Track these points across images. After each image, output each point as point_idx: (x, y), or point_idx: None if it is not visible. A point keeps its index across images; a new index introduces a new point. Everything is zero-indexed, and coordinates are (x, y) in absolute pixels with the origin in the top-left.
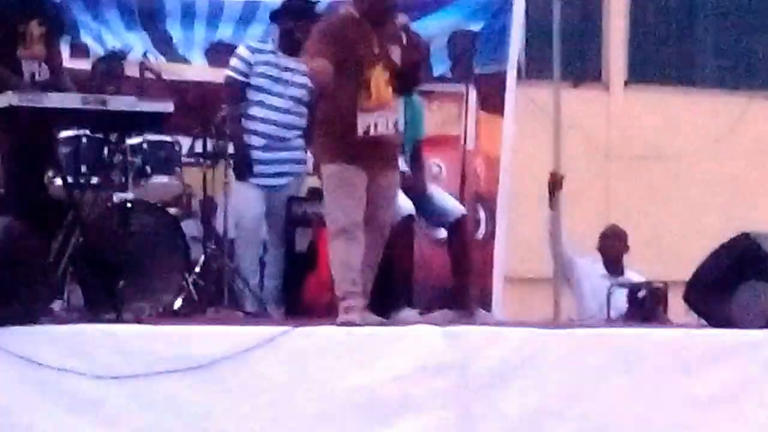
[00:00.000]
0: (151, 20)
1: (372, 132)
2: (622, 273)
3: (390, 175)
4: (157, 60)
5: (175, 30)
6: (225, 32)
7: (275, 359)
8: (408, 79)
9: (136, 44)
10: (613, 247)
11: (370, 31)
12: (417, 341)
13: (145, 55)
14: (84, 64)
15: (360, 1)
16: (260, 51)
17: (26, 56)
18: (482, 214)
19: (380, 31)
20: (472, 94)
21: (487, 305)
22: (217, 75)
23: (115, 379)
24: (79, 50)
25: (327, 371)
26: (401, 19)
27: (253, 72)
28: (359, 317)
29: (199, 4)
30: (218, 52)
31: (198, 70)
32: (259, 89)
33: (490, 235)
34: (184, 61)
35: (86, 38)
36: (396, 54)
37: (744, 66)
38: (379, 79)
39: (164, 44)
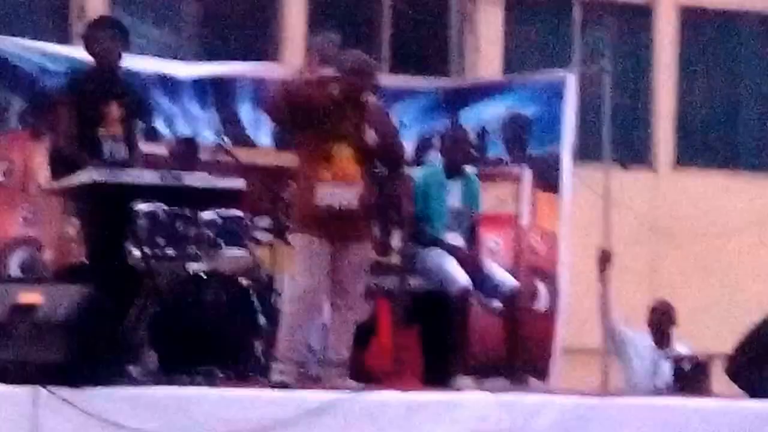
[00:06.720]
0: (223, 102)
1: (330, 203)
2: (669, 346)
3: (357, 250)
4: (226, 141)
5: (245, 112)
6: None
7: (337, 423)
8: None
9: (208, 126)
10: (661, 321)
11: (343, 109)
12: (472, 407)
13: (220, 137)
14: (154, 147)
15: (341, 80)
16: None
17: (106, 136)
18: (542, 288)
19: (356, 112)
20: (527, 175)
21: (544, 375)
22: (283, 158)
23: None
24: (151, 134)
25: None
26: (372, 100)
27: None
28: (290, 381)
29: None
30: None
31: (264, 153)
32: None
33: (554, 308)
34: (252, 143)
35: (158, 122)
36: (370, 135)
37: None
38: (342, 153)
39: (233, 126)
